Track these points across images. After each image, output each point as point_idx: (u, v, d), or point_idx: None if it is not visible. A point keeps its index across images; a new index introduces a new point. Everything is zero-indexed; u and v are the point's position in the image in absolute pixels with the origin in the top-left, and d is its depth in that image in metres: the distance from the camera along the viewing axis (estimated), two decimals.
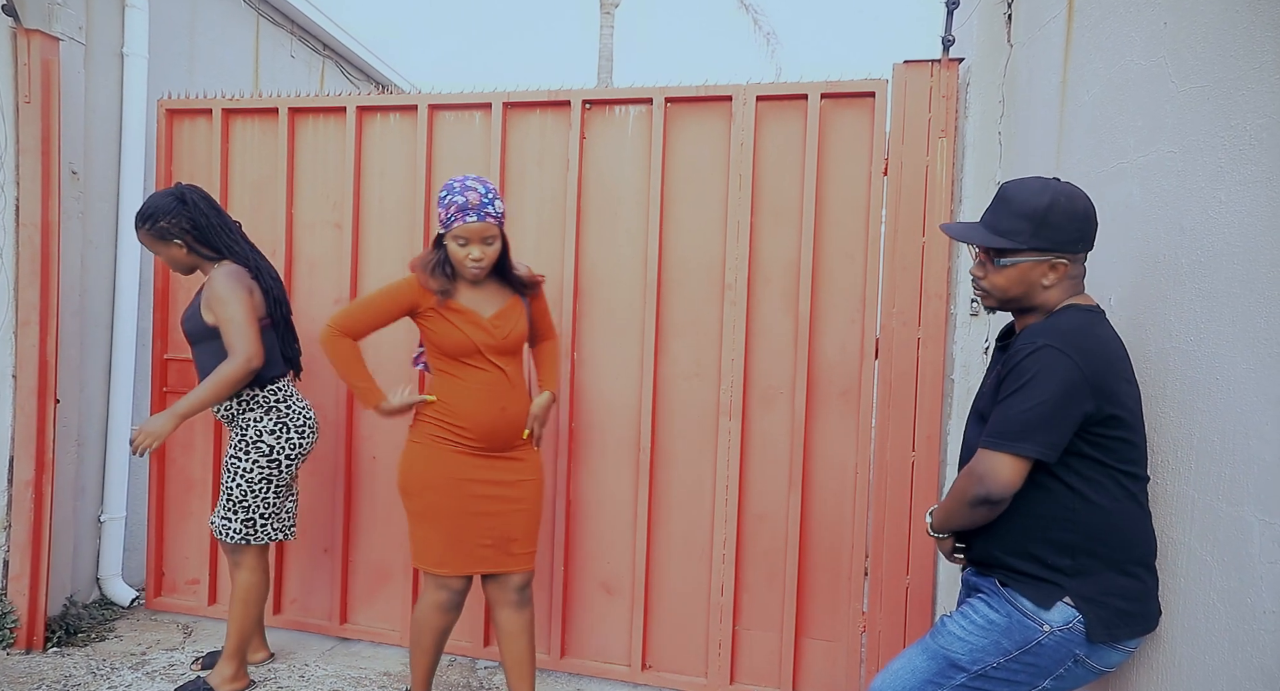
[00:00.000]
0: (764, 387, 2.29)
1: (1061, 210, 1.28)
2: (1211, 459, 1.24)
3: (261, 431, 2.13)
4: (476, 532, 1.88)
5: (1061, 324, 1.28)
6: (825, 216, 2.24)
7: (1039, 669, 1.28)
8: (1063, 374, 1.22)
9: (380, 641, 2.58)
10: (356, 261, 2.57)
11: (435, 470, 1.88)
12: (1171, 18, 1.37)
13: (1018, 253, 1.30)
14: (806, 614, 2.29)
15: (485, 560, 1.90)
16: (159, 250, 2.14)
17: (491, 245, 1.83)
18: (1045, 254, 1.29)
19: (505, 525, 1.91)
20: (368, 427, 2.58)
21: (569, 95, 2.36)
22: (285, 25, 3.86)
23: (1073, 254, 1.31)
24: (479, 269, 1.83)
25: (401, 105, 2.54)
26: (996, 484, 1.25)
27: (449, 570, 1.88)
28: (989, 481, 1.25)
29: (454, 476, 1.87)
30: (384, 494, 2.57)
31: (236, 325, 2.01)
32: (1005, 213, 1.32)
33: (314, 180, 2.61)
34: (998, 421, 1.26)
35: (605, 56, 9.05)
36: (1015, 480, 1.25)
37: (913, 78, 2.17)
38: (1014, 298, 1.35)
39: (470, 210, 1.78)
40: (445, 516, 1.87)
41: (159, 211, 2.08)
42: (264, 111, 2.63)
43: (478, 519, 1.88)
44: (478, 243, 1.81)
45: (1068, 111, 1.75)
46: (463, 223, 1.79)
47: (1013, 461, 1.24)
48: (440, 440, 1.89)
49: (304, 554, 2.66)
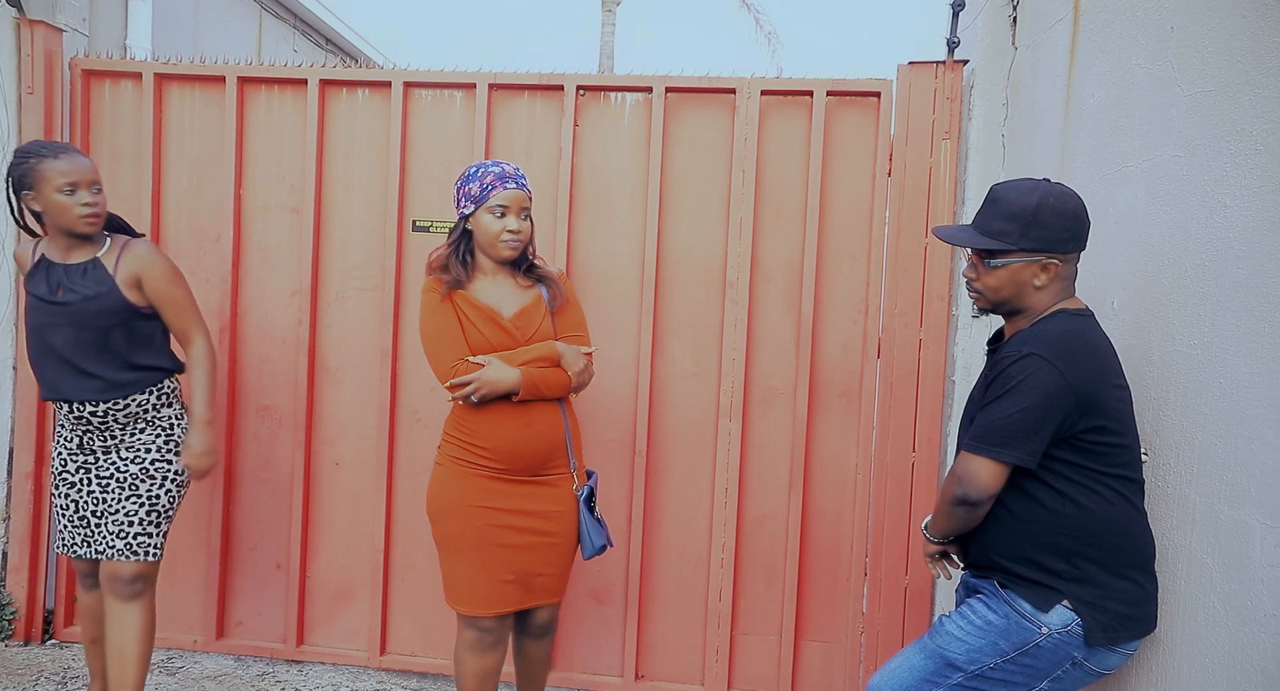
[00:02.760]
0: (765, 388, 2.36)
1: (1051, 210, 1.34)
2: (1213, 462, 1.29)
3: (181, 427, 2.00)
4: (498, 566, 1.77)
5: (1049, 331, 1.36)
6: (828, 215, 2.33)
7: (1036, 670, 1.34)
8: (1045, 382, 1.29)
9: (343, 663, 2.51)
10: (318, 250, 2.47)
11: (454, 495, 1.79)
12: (1178, 22, 1.43)
13: (1008, 253, 1.37)
14: (806, 616, 2.40)
15: (507, 596, 1.79)
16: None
17: (526, 221, 1.78)
18: (1036, 254, 1.36)
19: (530, 560, 1.79)
20: (330, 431, 2.51)
21: (562, 79, 2.37)
22: (288, 19, 3.91)
23: (1064, 254, 1.37)
24: (516, 243, 1.77)
25: (373, 81, 2.47)
26: (974, 486, 1.34)
27: (469, 608, 1.79)
28: (967, 483, 1.35)
29: (474, 503, 1.77)
30: (347, 504, 2.52)
31: (192, 304, 1.98)
32: (995, 214, 1.39)
33: (267, 159, 2.50)
34: (981, 426, 1.35)
35: (606, 54, 9.08)
36: (993, 484, 1.34)
37: (917, 79, 2.24)
38: (1005, 299, 1.41)
39: (508, 179, 1.76)
40: (465, 547, 1.79)
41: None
42: (207, 79, 2.49)
43: (500, 551, 1.77)
44: (516, 213, 1.76)
45: (1072, 114, 1.81)
46: (502, 190, 1.74)
47: (991, 465, 1.33)
48: (460, 461, 1.79)
49: (254, 571, 2.57)
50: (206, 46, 3.20)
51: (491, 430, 1.75)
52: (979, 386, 1.46)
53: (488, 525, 1.77)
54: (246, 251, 2.52)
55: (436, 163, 2.44)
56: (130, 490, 1.92)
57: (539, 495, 1.79)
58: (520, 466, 1.77)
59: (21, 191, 1.85)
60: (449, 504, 1.80)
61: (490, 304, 1.79)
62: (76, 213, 1.82)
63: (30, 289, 1.88)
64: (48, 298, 1.86)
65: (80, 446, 1.94)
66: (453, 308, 1.78)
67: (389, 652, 2.50)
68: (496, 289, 1.81)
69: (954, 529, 1.44)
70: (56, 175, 1.81)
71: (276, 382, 2.50)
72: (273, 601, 2.54)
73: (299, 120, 2.47)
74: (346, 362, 2.48)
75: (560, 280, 1.88)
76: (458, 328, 1.77)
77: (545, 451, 1.79)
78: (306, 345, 2.46)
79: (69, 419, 1.92)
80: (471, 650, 1.82)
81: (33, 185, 1.82)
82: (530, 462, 1.78)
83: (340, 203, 2.48)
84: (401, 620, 2.50)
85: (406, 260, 2.45)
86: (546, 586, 1.83)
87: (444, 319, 1.77)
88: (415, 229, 2.45)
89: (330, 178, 2.48)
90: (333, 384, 2.50)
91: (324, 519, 2.52)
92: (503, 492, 1.77)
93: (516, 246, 1.77)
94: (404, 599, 2.49)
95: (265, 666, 2.50)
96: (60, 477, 1.97)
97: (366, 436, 2.48)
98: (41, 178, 1.81)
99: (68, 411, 1.91)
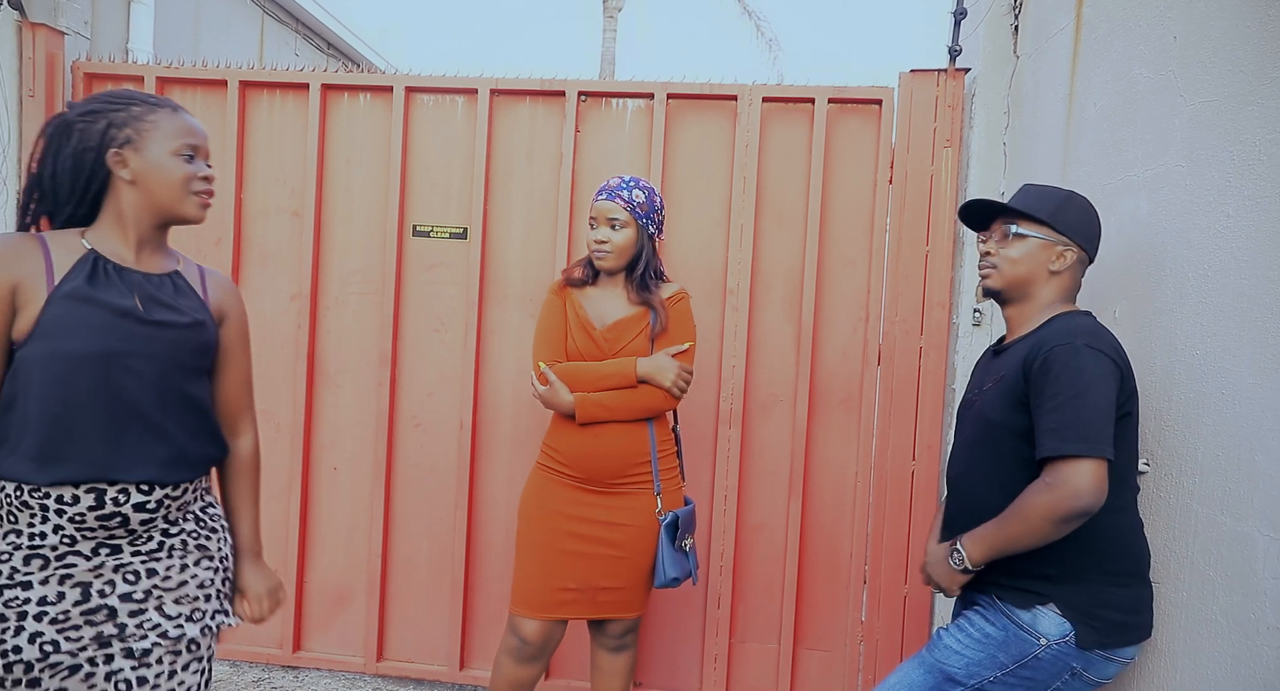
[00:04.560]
0: (765, 395, 2.36)
1: (1077, 204, 1.43)
2: (1216, 473, 1.28)
3: (220, 545, 1.35)
4: (561, 573, 1.78)
5: (1083, 325, 1.36)
6: (829, 222, 2.33)
7: (1036, 682, 1.34)
8: (1109, 374, 1.28)
9: (339, 669, 2.50)
10: (318, 254, 2.47)
11: (534, 498, 1.84)
12: (1181, 32, 1.43)
13: (1035, 223, 1.41)
14: (804, 624, 2.39)
15: (566, 605, 1.79)
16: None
17: (618, 231, 1.78)
18: (1058, 235, 1.40)
19: (594, 571, 1.78)
20: (328, 436, 2.50)
21: (563, 85, 2.37)
22: (289, 23, 3.93)
23: (1080, 248, 1.41)
24: (602, 254, 1.79)
25: (375, 85, 2.47)
26: (1092, 494, 1.22)
27: (521, 610, 1.80)
28: (1085, 494, 1.22)
29: (548, 507, 1.81)
30: (345, 509, 2.51)
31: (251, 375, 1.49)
32: (1027, 193, 1.47)
33: (268, 163, 2.50)
34: (1066, 426, 1.24)
35: (608, 60, 9.14)
36: (1105, 486, 1.23)
37: (919, 87, 2.24)
38: (1018, 277, 1.42)
39: (604, 191, 1.80)
40: (534, 549, 1.81)
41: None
42: (209, 83, 2.49)
43: (564, 558, 1.78)
44: (604, 223, 1.78)
45: (1074, 124, 1.81)
46: (595, 201, 1.81)
47: (1097, 467, 1.23)
48: (544, 467, 1.84)
49: None
50: (208, 50, 3.21)
51: (565, 438, 1.79)
52: (992, 389, 1.41)
53: (558, 530, 1.78)
54: (247, 255, 2.51)
55: (437, 167, 2.44)
56: (191, 670, 1.20)
57: (614, 507, 1.79)
58: (592, 476, 1.78)
59: (110, 147, 1.20)
60: (528, 505, 1.85)
61: (590, 312, 1.83)
62: (195, 187, 1.25)
63: (83, 294, 1.16)
64: (132, 311, 1.19)
65: (82, 595, 1.12)
66: (562, 307, 1.84)
67: (386, 659, 2.48)
68: (605, 298, 1.85)
69: (1032, 547, 1.29)
70: (178, 131, 1.24)
71: (275, 387, 2.48)
72: None
73: (300, 124, 2.47)
74: (346, 367, 2.47)
75: (667, 305, 1.82)
76: (560, 328, 1.82)
77: (617, 464, 1.78)
78: (306, 349, 2.45)
79: (66, 532, 1.12)
80: (509, 656, 1.83)
81: (135, 139, 1.21)
82: (601, 473, 1.78)
83: (341, 207, 2.48)
84: (399, 626, 2.48)
85: (406, 265, 2.45)
86: (613, 601, 1.81)
87: (551, 321, 1.84)
88: (416, 234, 2.45)
89: (331, 182, 2.48)
90: (332, 388, 2.49)
91: (322, 524, 2.51)
92: (577, 501, 1.79)
93: (602, 257, 1.79)
94: (401, 605, 2.48)
95: (261, 672, 2.48)
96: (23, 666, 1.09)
97: (365, 441, 2.47)
98: (155, 130, 1.22)
99: (84, 509, 1.12)
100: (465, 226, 2.42)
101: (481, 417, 2.42)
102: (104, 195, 1.23)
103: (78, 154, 1.20)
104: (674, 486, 1.84)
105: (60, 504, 1.12)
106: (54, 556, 1.12)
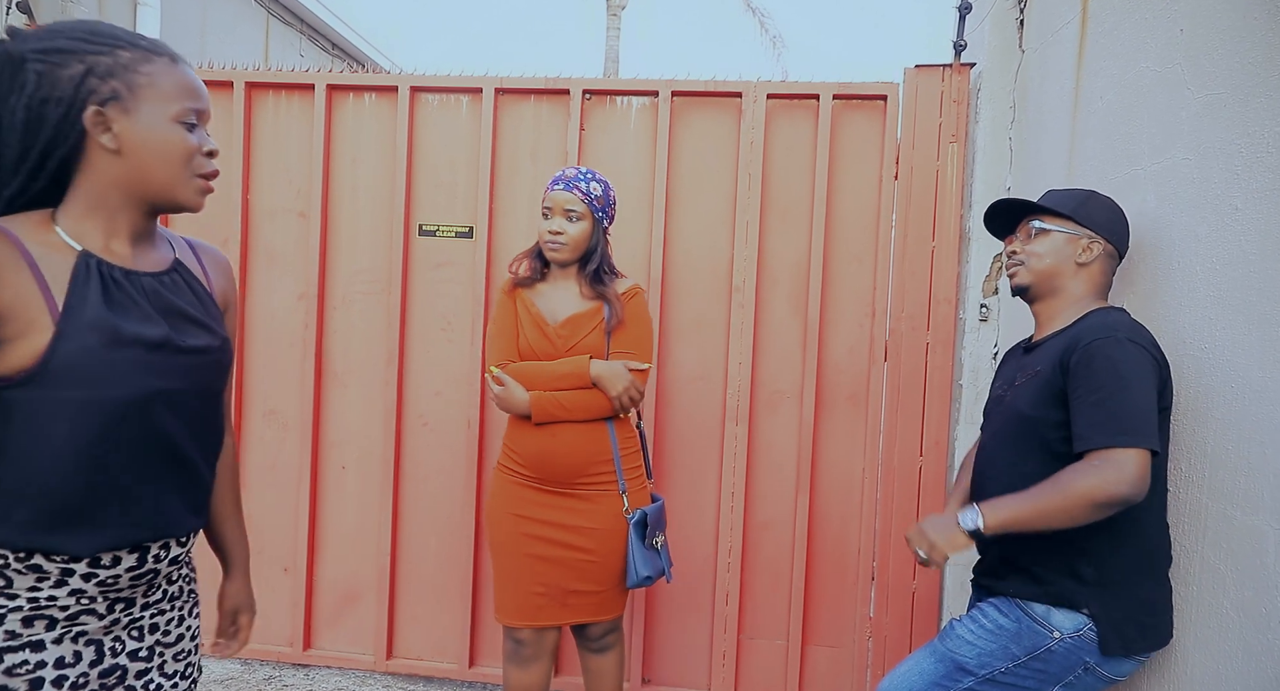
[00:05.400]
0: (771, 391, 2.36)
1: (1099, 200, 1.46)
2: (1226, 467, 1.28)
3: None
4: (528, 578, 1.75)
5: (1120, 320, 1.36)
6: (834, 218, 2.32)
7: (1048, 675, 1.34)
8: (1150, 368, 1.28)
9: (349, 667, 2.51)
10: (325, 253, 2.48)
11: (496, 501, 1.81)
12: (1188, 24, 1.42)
13: (1059, 218, 1.44)
14: (813, 620, 2.38)
15: (540, 610, 1.76)
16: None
17: (574, 223, 1.74)
18: (1083, 228, 1.43)
19: (563, 575, 1.75)
20: (336, 435, 2.51)
21: (568, 83, 2.37)
22: (295, 24, 3.97)
23: (1107, 240, 1.43)
24: (557, 245, 1.74)
25: (379, 86, 2.47)
26: (1138, 483, 1.21)
27: (501, 616, 1.80)
28: (1132, 482, 1.21)
29: (510, 510, 1.78)
30: (354, 508, 2.52)
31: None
32: (1050, 195, 1.50)
33: (274, 163, 2.51)
34: (1112, 418, 1.23)
35: (611, 58, 9.15)
36: (1148, 478, 1.23)
37: (924, 82, 2.23)
38: (1047, 271, 1.44)
39: (560, 180, 1.75)
40: (502, 554, 1.79)
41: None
42: (215, 84, 2.48)
43: (530, 562, 1.75)
44: (560, 214, 1.74)
45: (1080, 117, 1.80)
46: (549, 191, 1.75)
47: (1143, 457, 1.22)
48: (504, 468, 1.82)
49: (260, 574, 2.53)
50: (214, 52, 3.23)
51: (523, 437, 1.76)
52: (1029, 383, 1.40)
53: (521, 534, 1.75)
54: (254, 255, 2.52)
55: (443, 167, 2.44)
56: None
57: (576, 510, 1.75)
58: (550, 477, 1.74)
59: (88, 101, 0.88)
60: (492, 510, 1.82)
61: (543, 308, 1.78)
62: (199, 167, 0.96)
63: (107, 324, 0.89)
64: (168, 341, 0.94)
65: (97, 654, 0.95)
66: (513, 306, 1.80)
67: (395, 656, 2.49)
68: (558, 294, 1.80)
69: (1057, 527, 1.26)
70: (181, 90, 0.93)
71: (283, 386, 2.50)
72: (280, 605, 2.53)
73: (306, 125, 2.48)
74: (353, 366, 2.48)
75: (621, 300, 1.78)
76: (511, 329, 1.78)
77: (576, 464, 1.74)
78: (313, 349, 2.46)
79: (87, 594, 0.92)
80: (510, 661, 1.82)
81: (124, 95, 0.89)
82: (560, 474, 1.74)
83: (347, 207, 2.49)
84: (408, 624, 2.50)
85: (413, 264, 2.45)
86: (586, 605, 1.77)
87: (501, 321, 1.80)
88: (421, 233, 2.45)
89: (337, 182, 2.48)
90: (339, 387, 2.50)
91: (330, 522, 2.52)
92: (537, 502, 1.76)
93: (556, 248, 1.75)
94: (410, 603, 2.49)
95: (272, 670, 2.50)
96: None
97: (373, 440, 2.48)
98: (151, 86, 0.91)
99: (121, 571, 0.94)
100: (471, 225, 2.42)
101: (488, 416, 2.42)
102: (70, 167, 0.90)
103: (35, 105, 0.86)
104: (639, 485, 1.81)
105: (94, 567, 0.92)
106: (63, 617, 0.91)
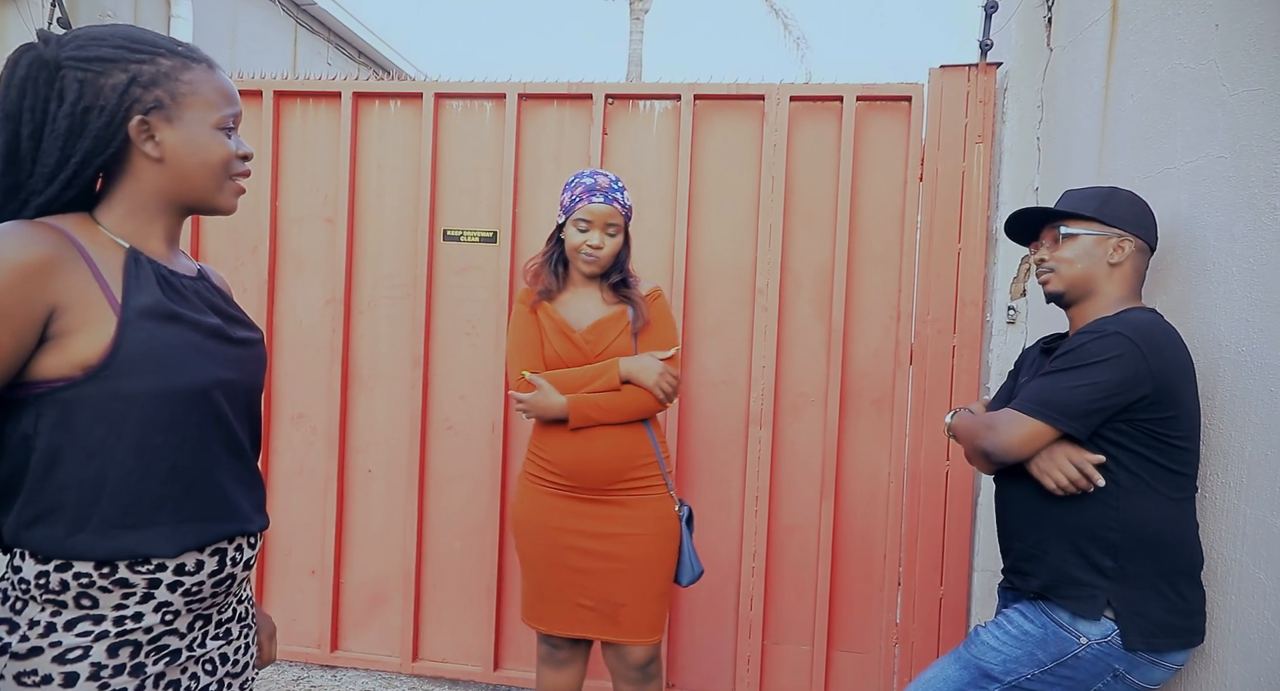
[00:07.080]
0: (795, 395, 2.35)
1: (1122, 196, 1.44)
2: (1263, 472, 1.26)
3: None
4: (573, 589, 1.72)
5: (1134, 317, 1.35)
6: (859, 221, 2.31)
7: (1075, 682, 1.32)
8: (1126, 364, 1.27)
9: (375, 668, 2.54)
10: (351, 259, 2.52)
11: (526, 511, 1.78)
12: (1224, 19, 1.40)
13: (1084, 220, 1.42)
14: (838, 626, 2.37)
15: (584, 622, 1.72)
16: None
17: (613, 237, 1.72)
18: (1110, 228, 1.40)
19: (606, 586, 1.71)
20: (362, 439, 2.54)
21: (590, 88, 2.39)
22: (322, 33, 4.07)
23: (1135, 236, 1.40)
24: (594, 258, 1.71)
25: (405, 92, 2.51)
26: (1014, 447, 1.33)
27: (537, 623, 1.79)
28: (1006, 445, 1.33)
29: (543, 522, 1.74)
30: (380, 511, 2.55)
31: None
32: (1068, 197, 1.48)
33: (302, 170, 2.55)
34: (1040, 389, 1.33)
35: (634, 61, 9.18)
36: (1029, 449, 1.32)
37: (949, 82, 2.22)
38: (1079, 276, 1.42)
39: (598, 191, 1.71)
40: (537, 564, 1.76)
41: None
42: (245, 93, 2.52)
43: (572, 574, 1.72)
44: (600, 228, 1.70)
45: (1110, 116, 1.78)
46: (588, 203, 1.70)
47: (1038, 429, 1.31)
48: (533, 478, 1.78)
49: (288, 577, 2.60)
50: (244, 61, 3.30)
51: (555, 444, 1.72)
52: (1036, 378, 1.40)
53: (557, 546, 1.73)
54: (282, 261, 2.57)
55: (467, 172, 2.47)
56: None
57: (614, 517, 1.71)
58: (587, 483, 1.71)
59: (133, 111, 0.88)
60: (520, 520, 1.80)
61: (567, 317, 1.76)
62: (235, 170, 0.97)
63: (168, 311, 0.89)
64: (220, 330, 0.95)
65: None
66: (534, 318, 1.78)
67: (421, 658, 2.52)
68: (580, 302, 1.78)
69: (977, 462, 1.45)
70: (220, 97, 0.96)
71: (311, 391, 2.54)
72: (307, 607, 2.57)
73: (333, 132, 2.52)
74: (379, 371, 2.51)
75: (646, 301, 1.77)
76: (535, 340, 1.76)
77: (613, 468, 1.70)
78: (340, 353, 2.50)
79: (172, 608, 0.89)
80: (545, 664, 1.82)
81: (168, 104, 0.91)
82: (596, 480, 1.70)
83: (373, 212, 2.52)
84: (434, 626, 2.52)
85: (438, 269, 2.48)
86: (634, 619, 1.71)
87: (524, 331, 1.77)
88: (446, 238, 2.48)
89: (363, 188, 2.52)
90: (365, 392, 2.53)
91: (357, 526, 2.56)
92: (573, 512, 1.72)
93: (593, 263, 1.72)
94: (436, 605, 2.51)
95: (300, 671, 2.54)
96: None
97: (399, 444, 2.51)
98: (194, 94, 0.93)
99: (205, 577, 0.91)
100: (495, 230, 2.45)
101: (513, 420, 2.44)
102: (114, 174, 0.91)
103: (78, 114, 0.86)
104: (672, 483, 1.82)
105: (180, 575, 0.88)
106: (147, 640, 0.86)
